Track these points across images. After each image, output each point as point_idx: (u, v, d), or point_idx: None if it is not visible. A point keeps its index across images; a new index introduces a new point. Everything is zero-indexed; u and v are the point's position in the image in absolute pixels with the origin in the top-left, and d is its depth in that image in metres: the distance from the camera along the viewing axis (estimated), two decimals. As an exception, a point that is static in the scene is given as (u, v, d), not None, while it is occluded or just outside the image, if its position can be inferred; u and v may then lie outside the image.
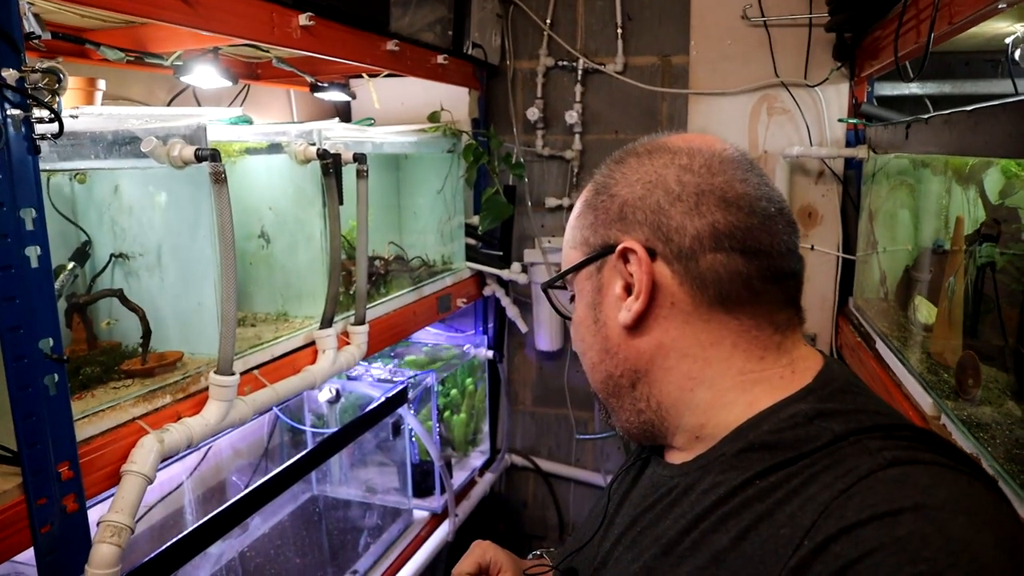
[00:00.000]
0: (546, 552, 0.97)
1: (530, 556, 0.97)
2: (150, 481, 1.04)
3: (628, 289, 0.70)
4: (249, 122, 1.66)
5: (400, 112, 2.24)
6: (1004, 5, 0.95)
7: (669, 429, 0.73)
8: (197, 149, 1.12)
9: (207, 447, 1.70)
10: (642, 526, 0.72)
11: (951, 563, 0.46)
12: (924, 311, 1.31)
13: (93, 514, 1.00)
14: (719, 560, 0.59)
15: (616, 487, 0.84)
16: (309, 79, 1.90)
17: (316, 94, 1.97)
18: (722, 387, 0.69)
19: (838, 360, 0.75)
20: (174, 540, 1.17)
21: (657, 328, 0.70)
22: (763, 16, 1.96)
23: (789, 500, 0.58)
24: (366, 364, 2.10)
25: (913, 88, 1.97)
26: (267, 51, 1.66)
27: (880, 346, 1.57)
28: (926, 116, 1.29)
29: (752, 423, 0.67)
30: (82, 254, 1.28)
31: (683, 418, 0.71)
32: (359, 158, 1.53)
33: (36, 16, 1.13)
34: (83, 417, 1.01)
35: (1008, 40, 1.46)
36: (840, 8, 1.64)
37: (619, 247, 0.70)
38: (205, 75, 1.51)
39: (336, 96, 1.98)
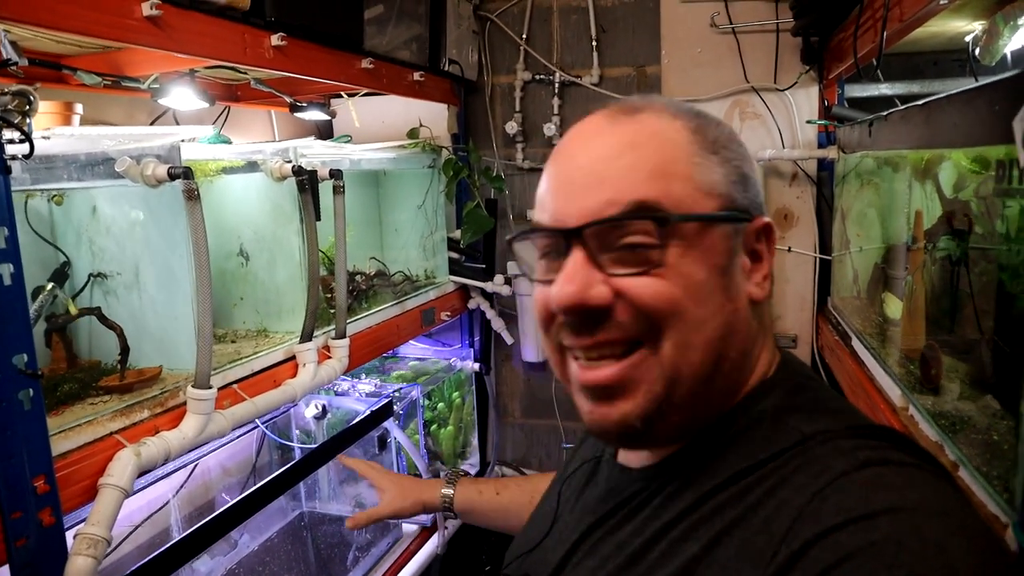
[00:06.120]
0: None
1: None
2: (127, 494, 1.05)
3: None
4: (227, 142, 1.68)
5: (381, 129, 2.27)
6: (945, 1, 0.98)
7: (690, 430, 0.68)
8: (170, 168, 1.14)
9: (193, 465, 1.71)
10: (602, 533, 0.70)
11: (927, 567, 0.47)
12: (891, 306, 1.33)
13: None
14: (690, 570, 0.59)
15: (564, 488, 0.83)
16: (288, 99, 1.93)
17: (296, 114, 1.99)
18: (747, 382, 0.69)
19: (791, 352, 0.76)
20: (155, 554, 1.17)
21: (760, 314, 0.69)
22: (731, 23, 1.99)
23: (762, 504, 0.58)
24: (353, 380, 2.11)
25: (883, 89, 2.01)
26: (245, 72, 1.69)
27: (855, 343, 1.59)
28: (886, 113, 1.32)
29: (723, 421, 0.66)
30: (61, 275, 1.30)
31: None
32: (335, 174, 1.55)
33: (13, 43, 1.16)
34: (59, 432, 1.02)
35: (968, 39, 1.49)
36: (803, 12, 1.68)
37: (763, 221, 0.68)
38: (182, 97, 1.53)
39: (316, 115, 2.01)
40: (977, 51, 1.45)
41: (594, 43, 2.25)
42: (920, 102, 1.07)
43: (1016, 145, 0.74)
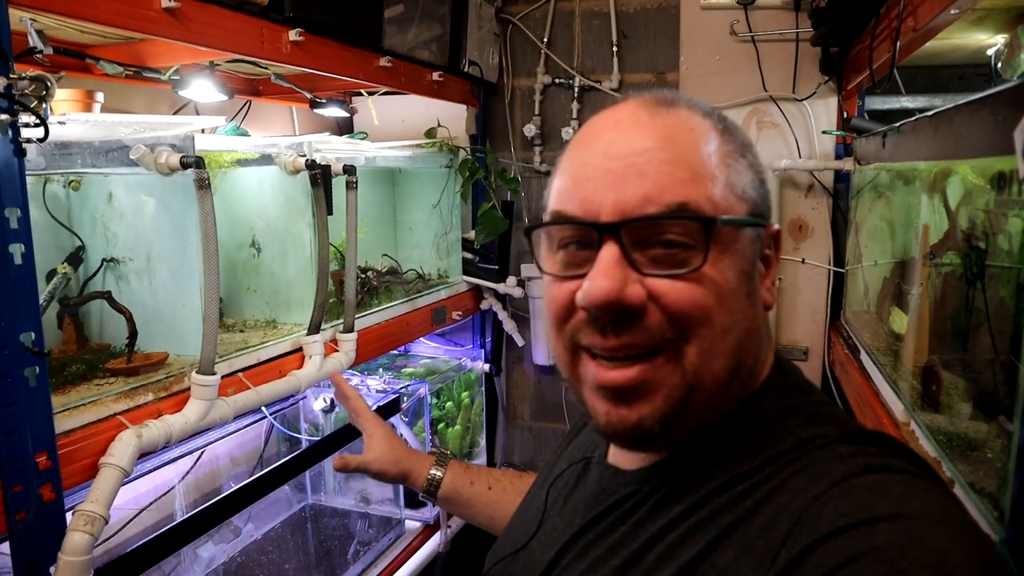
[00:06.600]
0: None
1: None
2: (127, 474, 1.07)
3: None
4: (245, 135, 1.71)
5: (400, 128, 2.30)
6: (956, 11, 0.97)
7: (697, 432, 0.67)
8: (183, 156, 1.17)
9: (200, 451, 1.73)
10: (593, 535, 0.69)
11: (928, 574, 0.47)
12: (898, 320, 1.32)
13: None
14: (688, 574, 0.58)
15: (551, 490, 0.81)
16: (308, 95, 1.96)
17: (315, 110, 2.02)
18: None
19: (783, 355, 0.74)
20: (152, 536, 1.20)
21: (767, 319, 0.69)
22: (750, 31, 1.99)
23: (760, 508, 0.57)
24: (363, 376, 2.13)
25: (904, 102, 1.98)
26: (265, 67, 1.72)
27: (863, 357, 1.57)
28: (898, 124, 1.31)
29: (723, 423, 0.66)
30: (76, 258, 1.33)
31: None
32: (348, 170, 1.57)
33: (39, 32, 1.20)
34: (64, 410, 1.05)
35: (990, 52, 1.47)
36: (822, 21, 1.67)
37: (774, 228, 0.69)
38: (202, 89, 1.56)
39: (335, 112, 2.03)
40: (999, 65, 1.43)
41: (615, 48, 2.25)
42: (929, 113, 1.06)
43: (1016, 156, 0.73)
